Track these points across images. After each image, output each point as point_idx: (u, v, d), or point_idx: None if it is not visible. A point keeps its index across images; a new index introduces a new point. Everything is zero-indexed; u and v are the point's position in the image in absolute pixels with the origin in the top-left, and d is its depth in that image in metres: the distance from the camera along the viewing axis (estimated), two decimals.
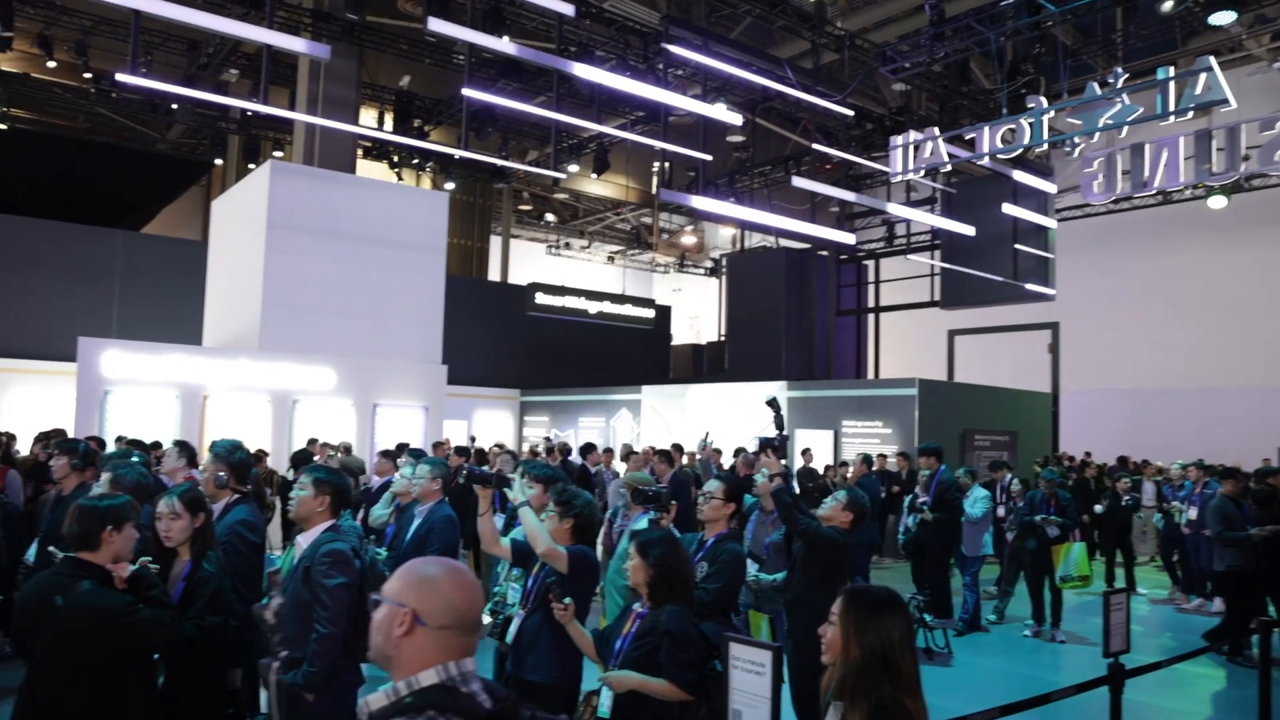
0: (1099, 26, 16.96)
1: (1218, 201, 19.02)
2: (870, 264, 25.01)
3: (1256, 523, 8.30)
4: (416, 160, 22.23)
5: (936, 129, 13.32)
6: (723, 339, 27.62)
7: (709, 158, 15.37)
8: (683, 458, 12.70)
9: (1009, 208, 16.84)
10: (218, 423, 13.05)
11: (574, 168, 22.53)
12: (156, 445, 9.95)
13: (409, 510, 5.74)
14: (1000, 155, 12.49)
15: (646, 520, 5.56)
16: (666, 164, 19.87)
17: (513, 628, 4.21)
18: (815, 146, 17.64)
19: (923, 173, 13.91)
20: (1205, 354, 20.80)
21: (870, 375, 24.63)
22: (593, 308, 21.15)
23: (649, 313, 22.79)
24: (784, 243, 25.23)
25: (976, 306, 20.19)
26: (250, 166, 20.19)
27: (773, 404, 5.87)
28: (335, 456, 11.30)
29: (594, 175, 22.63)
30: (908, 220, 21.70)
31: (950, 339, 22.52)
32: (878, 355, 25.02)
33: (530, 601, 4.20)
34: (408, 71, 20.54)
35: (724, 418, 16.59)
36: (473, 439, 18.32)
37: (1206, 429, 19.11)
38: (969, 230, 17.36)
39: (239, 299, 14.94)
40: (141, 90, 16.90)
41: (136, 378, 12.98)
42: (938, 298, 21.27)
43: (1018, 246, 18.48)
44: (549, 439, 18.12)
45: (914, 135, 13.28)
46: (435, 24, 11.19)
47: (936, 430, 14.81)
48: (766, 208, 20.41)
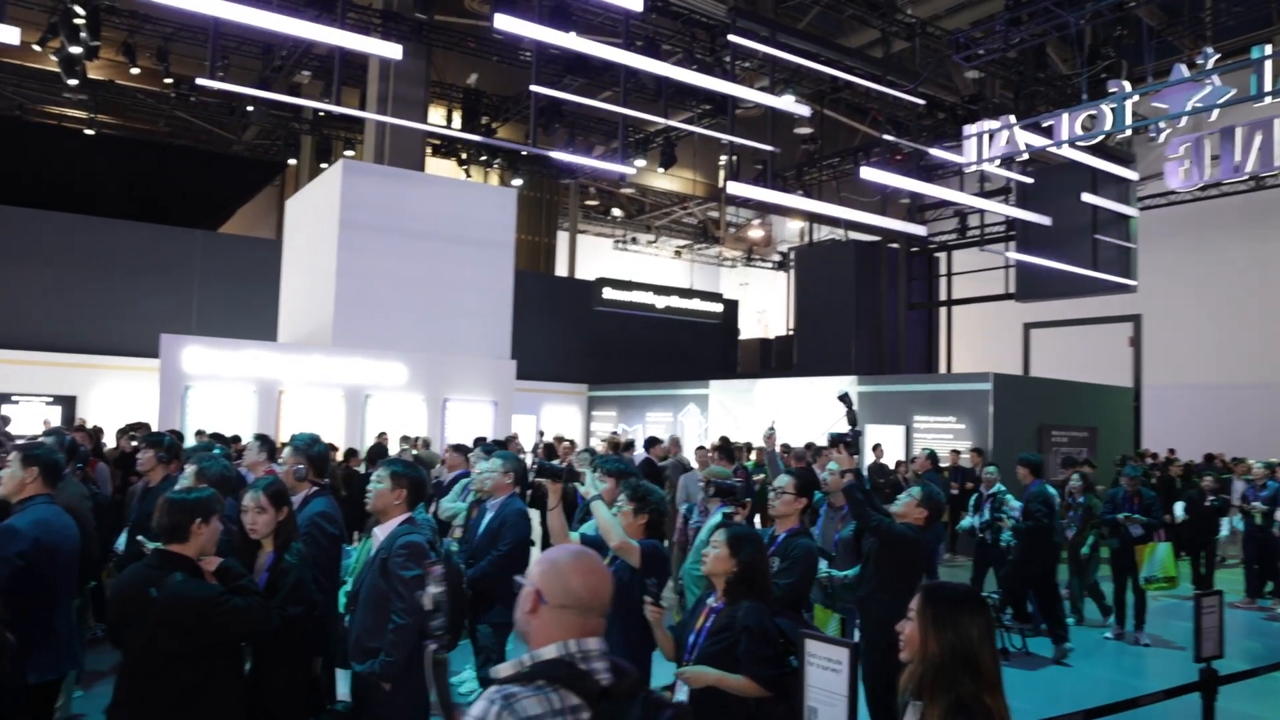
0: (1185, 6, 16.36)
1: None
2: (942, 256, 24.56)
3: None
4: (484, 157, 22.44)
5: (1012, 117, 12.96)
6: (791, 333, 27.41)
7: (777, 150, 15.23)
8: (750, 454, 12.62)
9: (1088, 197, 16.36)
10: (293, 417, 13.34)
11: (641, 162, 22.51)
12: (236, 439, 10.21)
13: (482, 504, 5.79)
14: (1080, 143, 12.12)
15: (721, 514, 5.53)
16: (734, 157, 19.76)
17: None
18: (885, 137, 17.34)
19: (997, 162, 13.56)
20: None
21: (942, 370, 24.18)
22: (660, 302, 21.12)
23: (716, 307, 22.68)
24: (853, 235, 24.92)
25: (1054, 299, 19.64)
26: (322, 166, 20.60)
27: (845, 399, 5.78)
28: (407, 450, 11.46)
29: (661, 170, 22.58)
30: (981, 211, 21.26)
31: (1026, 332, 21.99)
32: (950, 349, 24.56)
33: None
34: (475, 69, 20.72)
35: (793, 413, 16.43)
36: (541, 434, 18.48)
37: None
38: (1045, 220, 16.92)
39: (313, 296, 15.24)
40: (219, 94, 17.36)
41: (215, 373, 13.32)
42: (1012, 290, 20.77)
43: (1098, 237, 17.93)
44: (616, 434, 18.16)
45: (988, 124, 12.95)
46: (503, 21, 11.24)
47: (1012, 426, 14.47)
48: (835, 200, 20.16)
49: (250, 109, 19.86)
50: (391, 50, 11.99)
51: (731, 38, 13.42)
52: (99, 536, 6.10)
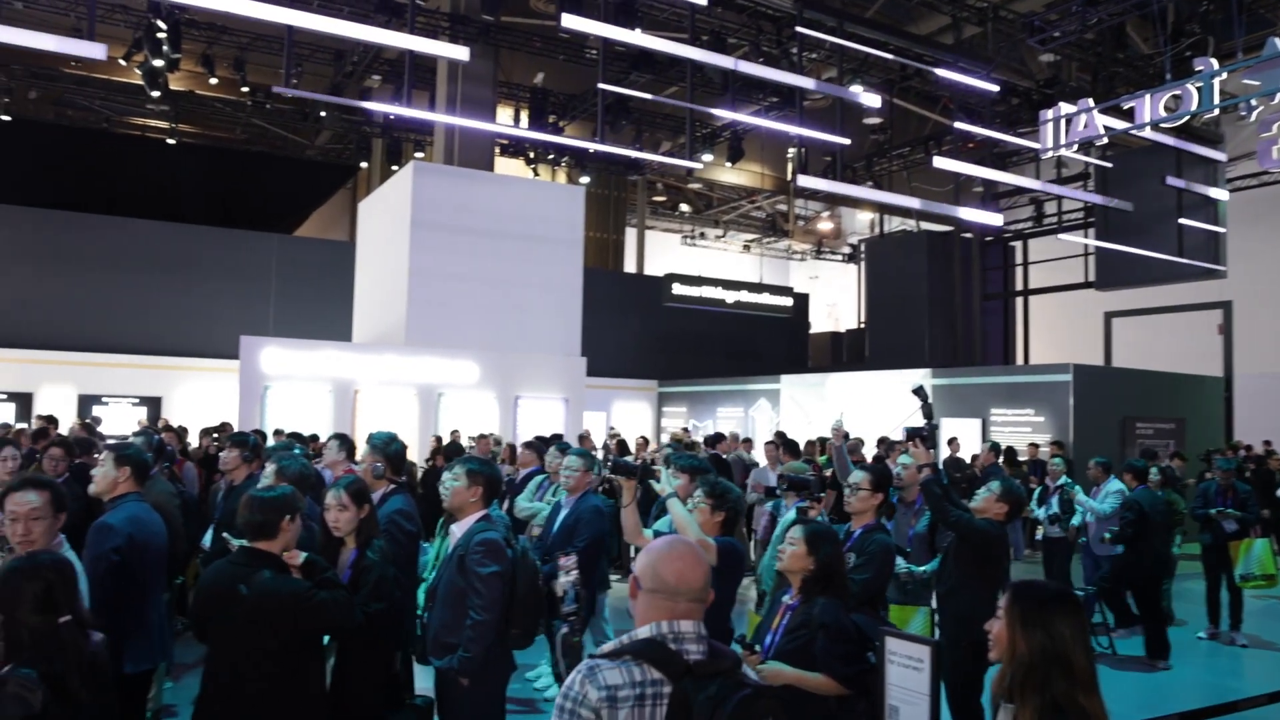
0: None
1: None
2: (1018, 245, 23.99)
3: None
4: (552, 156, 22.57)
5: (1090, 100, 12.56)
6: (862, 326, 27.08)
7: (846, 141, 15.01)
8: (823, 449, 12.46)
9: (1173, 180, 15.79)
10: (368, 416, 13.58)
11: (708, 157, 22.40)
12: (314, 438, 10.43)
13: (558, 501, 5.81)
14: (1163, 124, 11.70)
15: (795, 510, 5.47)
16: (802, 149, 19.54)
17: None
18: (957, 125, 16.96)
19: (1075, 147, 13.16)
20: None
21: (1019, 361, 23.62)
22: (730, 297, 21.01)
23: (786, 301, 22.49)
24: (925, 226, 24.48)
25: (1136, 286, 19.01)
26: (393, 168, 20.93)
27: (920, 392, 5.68)
28: (472, 446, 11.55)
29: (728, 164, 22.45)
30: (1059, 197, 20.72)
31: (1107, 321, 21.35)
32: (1027, 340, 23.98)
33: None
34: (542, 69, 20.84)
35: (865, 407, 16.20)
36: (612, 429, 18.54)
37: None
38: (1127, 206, 16.39)
39: (386, 296, 15.50)
40: (293, 100, 17.76)
41: (293, 373, 13.63)
42: (1092, 279, 20.19)
43: (1183, 221, 17.30)
44: (687, 430, 18.12)
45: (1065, 108, 12.57)
46: (569, 20, 11.29)
47: (1093, 418, 14.06)
48: (906, 190, 19.83)
49: (323, 114, 20.28)
50: (459, 52, 12.14)
51: (798, 29, 13.26)
52: (185, 533, 6.30)
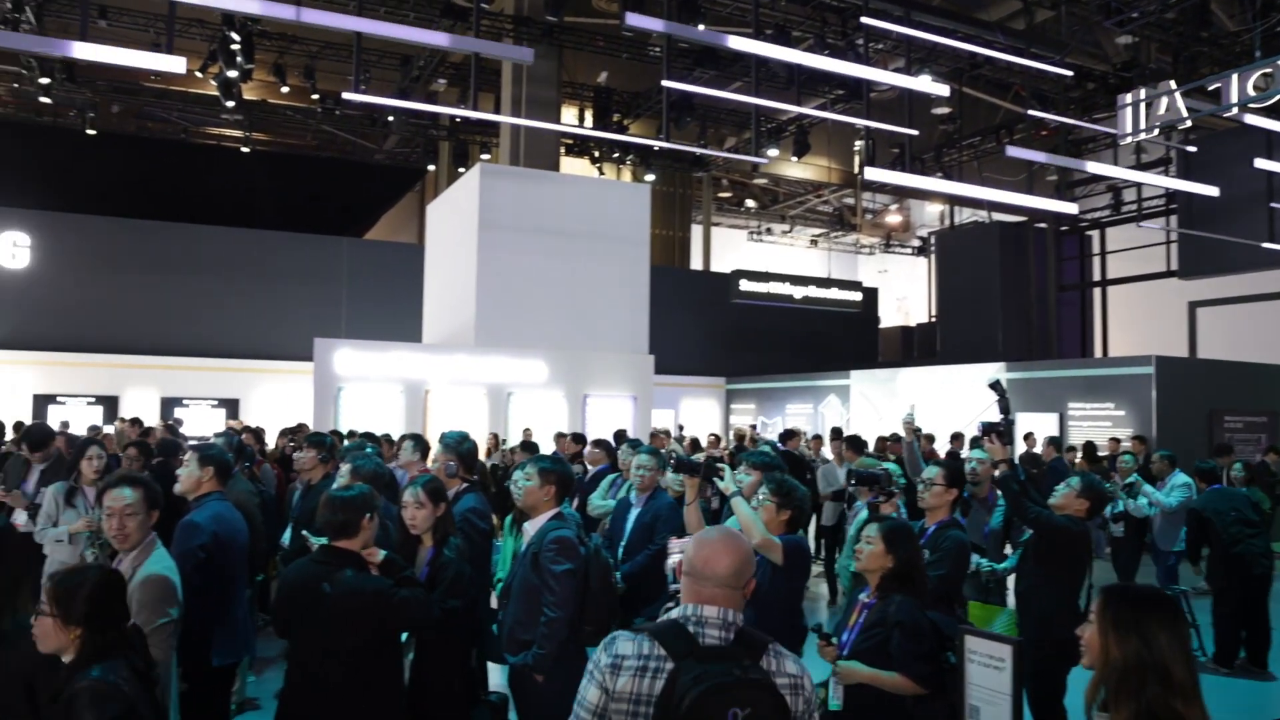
0: None
1: None
2: (1095, 234, 23.35)
3: None
4: (616, 154, 22.64)
5: (1172, 82, 12.15)
6: (933, 320, 26.67)
7: (914, 132, 14.75)
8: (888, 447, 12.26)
9: (1263, 163, 15.14)
10: (439, 415, 13.75)
11: (774, 151, 22.24)
12: (386, 438, 10.61)
13: (625, 499, 5.81)
14: (1252, 105, 11.23)
15: (867, 506, 5.40)
16: (869, 142, 19.28)
17: None
18: (1030, 113, 16.57)
19: (1156, 132, 12.73)
20: None
21: (1098, 353, 22.99)
22: (797, 293, 20.84)
23: (855, 295, 22.23)
24: (997, 217, 23.98)
25: (1223, 275, 18.36)
26: (460, 170, 21.20)
27: (996, 386, 5.57)
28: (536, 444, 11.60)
29: (794, 158, 22.26)
30: (1138, 184, 20.09)
31: (1191, 311, 20.65)
32: (1106, 332, 23.34)
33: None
34: (605, 67, 20.92)
35: (938, 402, 15.91)
36: (681, 427, 18.51)
37: None
38: (1212, 191, 15.78)
39: (455, 297, 15.68)
40: (362, 106, 18.10)
41: (365, 374, 13.87)
42: (1175, 267, 19.56)
43: (1275, 205, 16.64)
44: (754, 426, 18.03)
45: (1145, 91, 12.16)
46: (633, 19, 11.27)
47: (1178, 412, 13.60)
48: (977, 181, 19.42)
49: (390, 119, 20.64)
50: (523, 54, 12.22)
51: (864, 19, 13.07)
52: (264, 532, 6.46)
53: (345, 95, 12.14)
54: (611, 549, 5.41)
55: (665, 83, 12.55)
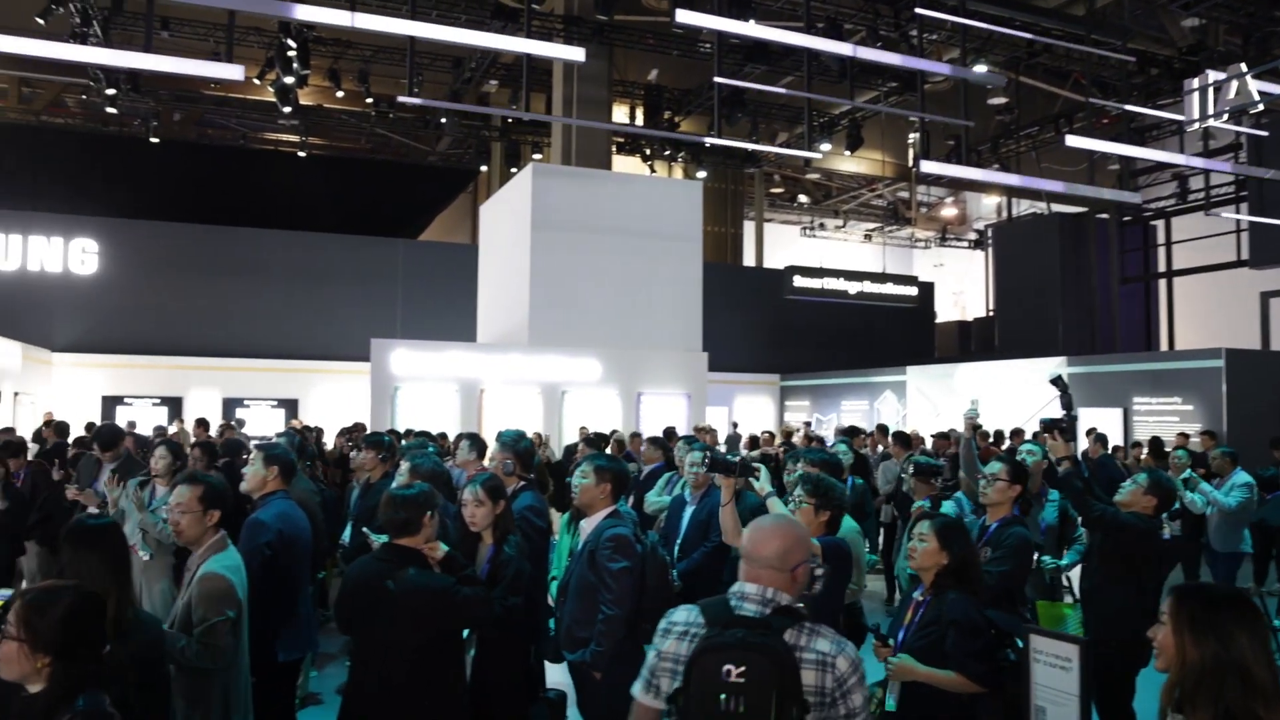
0: None
1: None
2: (1159, 224, 22.73)
3: None
4: (667, 151, 22.61)
5: (1242, 65, 11.77)
6: (991, 314, 26.23)
7: (970, 124, 14.50)
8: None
9: None
10: (494, 414, 13.86)
11: (827, 146, 22.03)
12: (443, 436, 10.72)
13: (680, 496, 5.80)
14: None
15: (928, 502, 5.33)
16: (924, 134, 19.01)
17: None
18: (1090, 100, 16.19)
19: (1225, 117, 12.35)
20: None
21: (1164, 346, 22.40)
22: (852, 288, 20.65)
23: (911, 290, 21.96)
24: (1056, 208, 23.50)
25: None
26: (512, 170, 21.34)
27: (1058, 382, 5.47)
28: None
29: (847, 152, 22.03)
30: (1205, 172, 19.52)
31: (1264, 302, 19.98)
32: (1172, 324, 22.70)
33: None
34: (655, 65, 20.90)
35: (997, 398, 15.63)
36: (735, 425, 18.44)
37: None
38: None
39: (508, 296, 15.79)
40: (415, 109, 18.31)
41: (421, 374, 14.03)
42: (1245, 257, 18.96)
43: None
44: (808, 423, 17.87)
45: (1213, 75, 11.81)
46: (684, 15, 11.23)
47: (1250, 406, 13.19)
48: (1036, 172, 19.05)
49: (443, 121, 20.84)
50: (574, 54, 12.24)
51: (918, 9, 12.88)
52: (325, 530, 6.56)
53: (400, 99, 12.26)
54: (667, 546, 5.40)
55: (716, 79, 12.49)
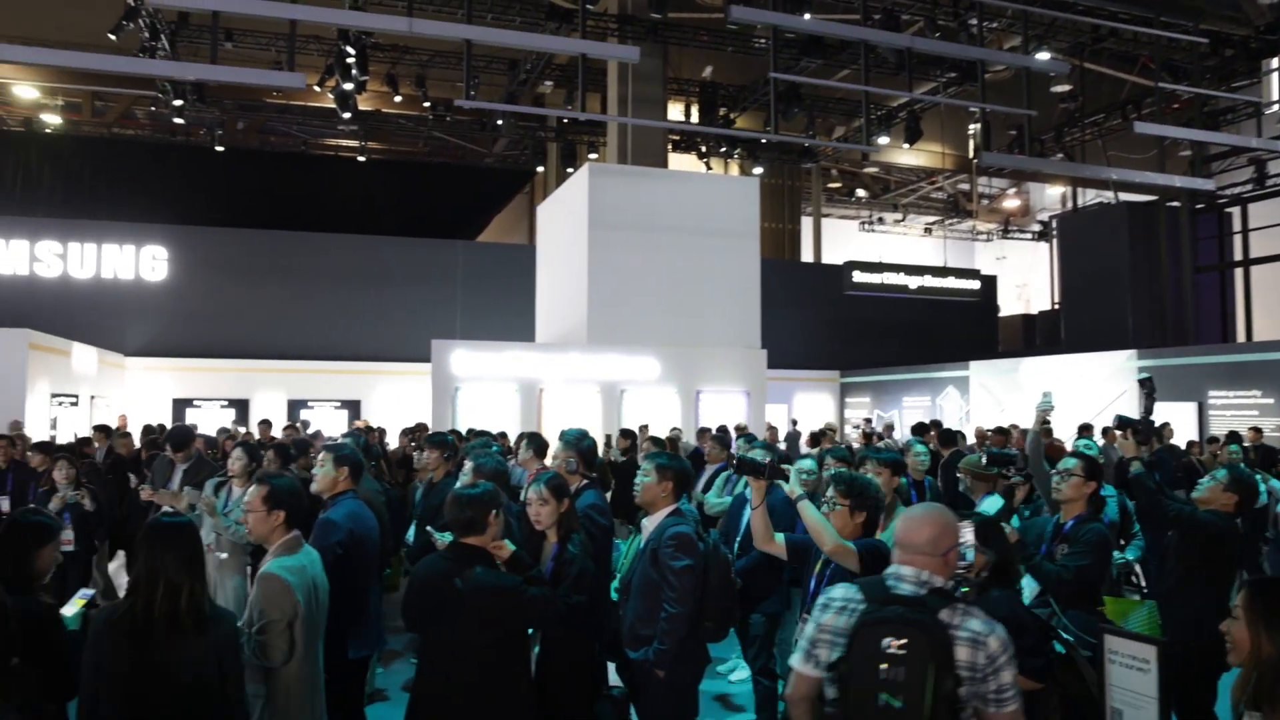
0: None
1: None
2: (1235, 211, 22.02)
3: None
4: (724, 149, 22.52)
5: None
6: (1056, 307, 25.70)
7: (1033, 113, 14.20)
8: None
9: None
10: (553, 414, 13.94)
11: (885, 139, 21.76)
12: (503, 436, 10.81)
13: (741, 495, 5.76)
14: None
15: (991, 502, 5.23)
16: (985, 125, 18.65)
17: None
18: (1160, 85, 15.73)
19: None
20: None
21: (1241, 338, 21.69)
22: (912, 282, 20.38)
23: (973, 284, 21.59)
24: (1124, 196, 22.90)
25: None
26: (568, 171, 21.44)
27: (1146, 383, 5.31)
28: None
29: (906, 145, 21.71)
30: None
31: None
32: (1249, 315, 21.96)
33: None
34: (710, 62, 20.83)
35: (1064, 393, 15.28)
36: (794, 422, 18.31)
37: None
38: None
39: (566, 296, 15.86)
40: (471, 111, 18.48)
41: (481, 374, 14.16)
42: None
43: None
44: (869, 420, 17.69)
45: None
46: (738, 11, 11.19)
47: None
48: (1102, 160, 18.59)
49: (500, 122, 21.02)
50: (629, 53, 12.27)
51: None
52: (391, 529, 6.65)
53: (457, 102, 12.42)
54: (727, 545, 5.37)
55: (772, 74, 12.41)
